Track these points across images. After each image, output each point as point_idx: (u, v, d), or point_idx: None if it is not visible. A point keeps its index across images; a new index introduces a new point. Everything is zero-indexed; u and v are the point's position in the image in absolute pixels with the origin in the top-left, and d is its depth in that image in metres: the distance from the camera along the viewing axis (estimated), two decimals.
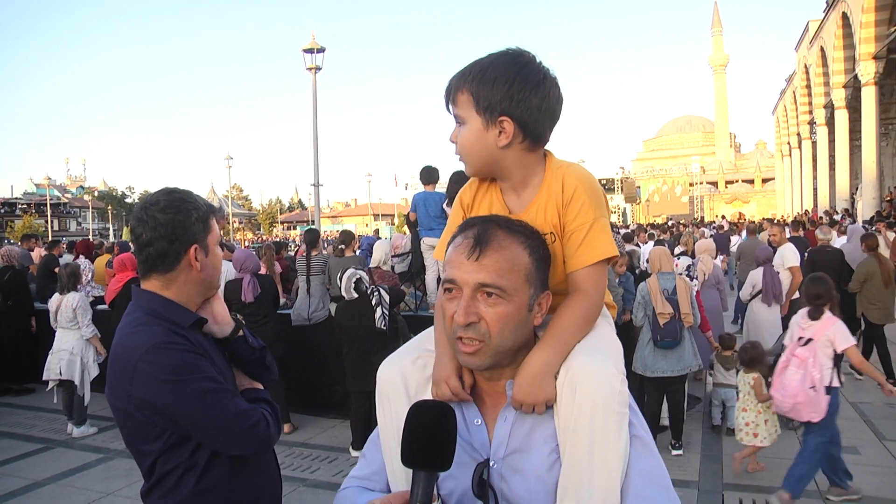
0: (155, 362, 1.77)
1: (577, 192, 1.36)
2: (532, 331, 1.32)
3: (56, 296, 7.11)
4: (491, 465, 1.27)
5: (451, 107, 1.38)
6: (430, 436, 1.11)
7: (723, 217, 36.67)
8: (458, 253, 1.27)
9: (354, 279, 6.03)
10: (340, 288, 6.12)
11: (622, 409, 1.22)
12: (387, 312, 6.00)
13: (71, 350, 6.90)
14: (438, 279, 6.56)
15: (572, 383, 1.23)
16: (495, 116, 1.33)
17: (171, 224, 1.89)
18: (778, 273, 8.12)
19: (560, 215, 1.37)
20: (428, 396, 1.34)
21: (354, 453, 6.17)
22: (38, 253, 13.46)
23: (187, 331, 1.89)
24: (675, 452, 5.99)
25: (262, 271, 7.58)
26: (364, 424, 6.02)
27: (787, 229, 12.89)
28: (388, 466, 1.38)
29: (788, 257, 8.55)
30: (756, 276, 8.02)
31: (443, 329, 1.36)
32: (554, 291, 1.35)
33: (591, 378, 1.22)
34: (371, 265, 7.45)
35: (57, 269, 10.16)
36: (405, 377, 1.38)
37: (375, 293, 6.02)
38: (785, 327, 7.24)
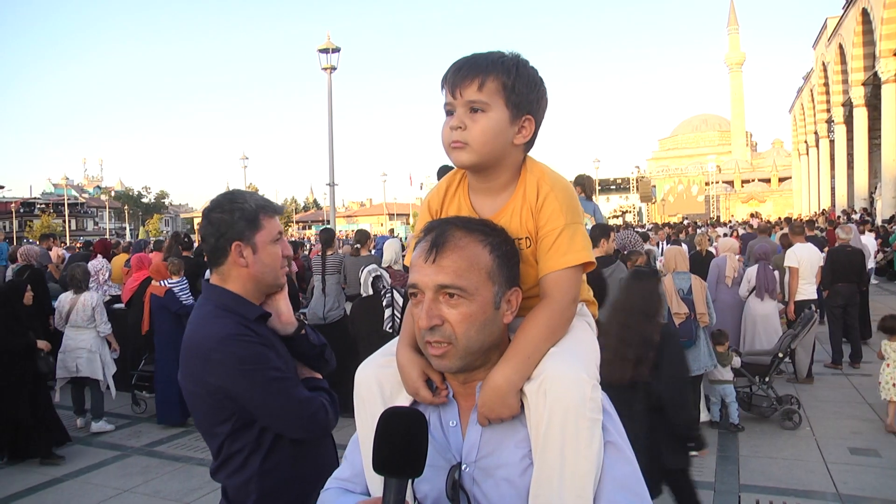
0: (228, 352, 1.92)
1: (548, 198, 1.35)
2: (503, 329, 1.30)
3: (67, 296, 7.18)
4: (463, 468, 1.27)
5: (466, 91, 1.31)
6: (400, 443, 1.10)
7: (751, 216, 36.09)
8: (418, 257, 1.26)
9: (374, 275, 6.09)
10: (360, 282, 6.15)
11: (594, 415, 1.21)
12: (398, 315, 5.99)
13: (89, 348, 6.98)
14: None
15: (543, 389, 1.21)
16: (522, 113, 1.33)
17: (218, 222, 2.05)
18: (773, 270, 8.13)
19: (534, 220, 1.36)
20: (402, 399, 1.34)
21: None
22: (56, 252, 13.62)
23: (254, 323, 2.03)
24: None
25: None
26: None
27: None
28: (365, 469, 1.39)
29: (788, 258, 8.69)
30: (751, 273, 8.07)
31: (406, 339, 1.37)
32: (529, 296, 1.34)
33: (561, 384, 1.20)
34: (383, 265, 7.45)
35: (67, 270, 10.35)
36: (380, 380, 1.39)
37: (388, 294, 6.03)
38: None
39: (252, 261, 2.06)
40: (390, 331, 5.97)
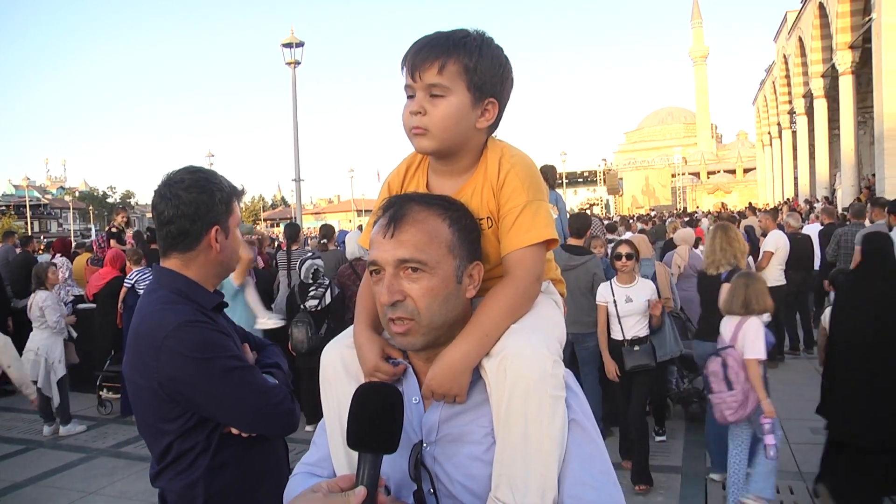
0: (183, 339, 1.77)
1: (509, 176, 1.31)
2: (466, 304, 1.28)
3: (32, 295, 7.08)
4: (424, 447, 1.25)
5: (425, 75, 1.26)
6: (376, 417, 1.09)
7: (722, 206, 36.39)
8: (377, 233, 1.24)
9: (313, 269, 6.65)
10: (300, 274, 6.73)
11: (556, 392, 1.18)
12: (325, 301, 6.60)
13: (36, 350, 6.79)
14: None
15: (503, 366, 1.18)
16: (485, 96, 1.29)
17: (195, 203, 1.89)
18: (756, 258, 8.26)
19: (496, 198, 1.33)
20: (366, 378, 1.32)
21: (307, 428, 6.49)
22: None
23: (210, 312, 1.91)
24: (658, 438, 6.03)
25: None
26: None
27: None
28: (331, 450, 1.36)
29: (767, 243, 8.96)
30: None
31: (363, 319, 1.35)
32: (491, 276, 1.31)
33: (521, 360, 1.17)
34: (349, 258, 7.43)
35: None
36: (344, 360, 1.35)
37: (317, 283, 6.68)
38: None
39: (223, 246, 1.96)
40: (305, 307, 6.58)
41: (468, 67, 1.26)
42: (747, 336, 4.35)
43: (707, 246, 5.69)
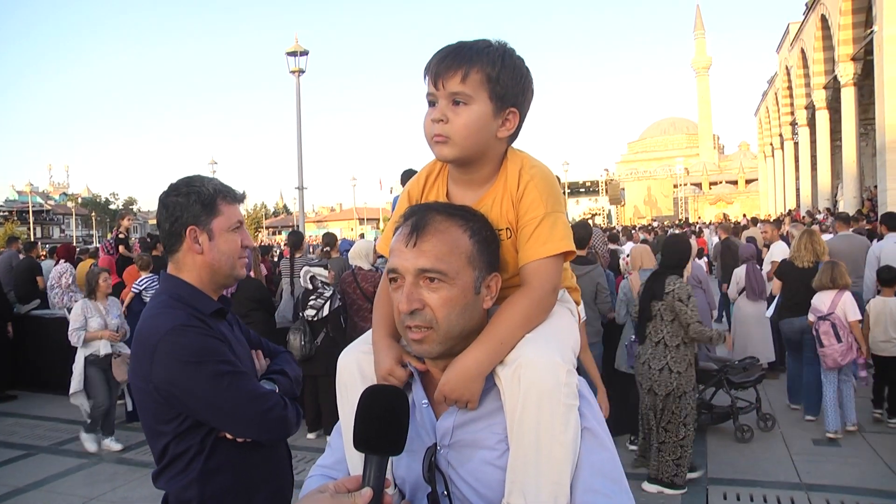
0: (175, 343, 1.81)
1: (529, 187, 1.33)
2: (483, 314, 1.29)
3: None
4: (438, 450, 1.26)
5: (449, 83, 1.27)
6: (381, 419, 1.10)
7: (724, 216, 36.40)
8: (399, 241, 1.25)
9: (309, 276, 6.69)
10: (300, 280, 6.75)
11: (569, 401, 1.20)
12: (322, 313, 6.50)
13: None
14: None
15: (517, 375, 1.20)
16: (506, 106, 1.31)
17: (172, 206, 1.97)
18: (761, 269, 8.22)
19: (515, 209, 1.34)
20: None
21: (309, 435, 6.54)
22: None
23: (209, 318, 1.94)
24: None
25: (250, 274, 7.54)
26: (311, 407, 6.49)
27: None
28: (346, 452, 1.38)
29: (773, 253, 8.89)
30: (740, 273, 8.13)
31: (383, 327, 1.36)
32: (508, 286, 1.33)
33: (535, 369, 1.19)
34: (353, 265, 7.44)
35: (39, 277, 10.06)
36: (360, 365, 1.37)
37: (317, 292, 6.61)
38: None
39: (207, 248, 1.97)
40: (303, 316, 6.52)
41: (491, 77, 1.27)
42: (846, 305, 6.00)
43: (796, 244, 7.17)
